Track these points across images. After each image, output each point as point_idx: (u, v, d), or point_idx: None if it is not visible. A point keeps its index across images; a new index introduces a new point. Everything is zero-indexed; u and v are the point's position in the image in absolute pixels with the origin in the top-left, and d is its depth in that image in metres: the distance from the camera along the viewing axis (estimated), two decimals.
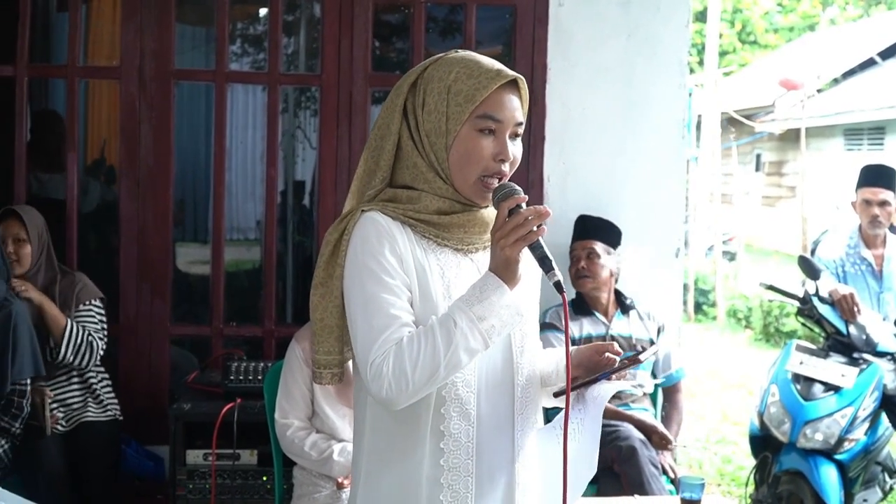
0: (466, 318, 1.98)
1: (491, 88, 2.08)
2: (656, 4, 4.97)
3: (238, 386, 4.31)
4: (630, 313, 4.61)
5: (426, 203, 2.11)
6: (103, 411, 4.46)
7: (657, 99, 4.99)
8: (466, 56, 2.15)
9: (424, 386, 1.99)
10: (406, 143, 2.14)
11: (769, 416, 4.92)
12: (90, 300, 4.44)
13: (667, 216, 5.03)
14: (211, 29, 6.24)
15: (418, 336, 1.99)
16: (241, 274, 7.68)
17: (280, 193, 6.82)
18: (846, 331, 4.95)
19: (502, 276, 2.01)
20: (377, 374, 1.97)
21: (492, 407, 2.14)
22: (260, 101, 7.60)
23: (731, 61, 29.10)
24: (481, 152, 2.09)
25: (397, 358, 1.97)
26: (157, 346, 4.93)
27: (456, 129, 2.09)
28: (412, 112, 2.14)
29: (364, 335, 2.02)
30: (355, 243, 2.07)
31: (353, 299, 2.06)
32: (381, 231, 2.06)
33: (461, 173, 2.10)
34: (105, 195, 6.52)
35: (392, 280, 2.04)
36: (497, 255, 2.02)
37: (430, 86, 2.13)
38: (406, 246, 2.08)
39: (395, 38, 7.07)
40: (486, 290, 2.01)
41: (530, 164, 4.86)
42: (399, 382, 1.96)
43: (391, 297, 2.03)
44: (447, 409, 2.09)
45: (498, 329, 2.01)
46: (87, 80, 6.35)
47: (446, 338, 1.97)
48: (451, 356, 1.97)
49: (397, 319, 2.02)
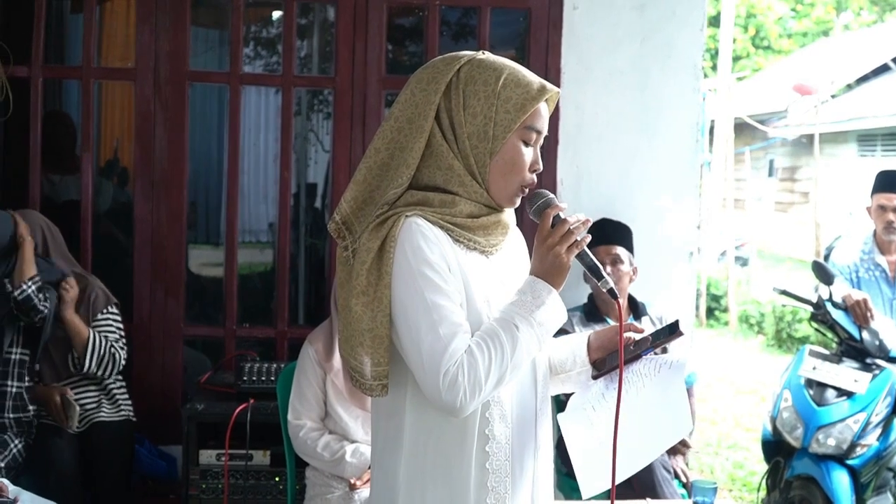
0: (527, 323, 2.04)
1: (540, 101, 2.12)
2: (671, 9, 4.97)
3: (251, 387, 4.32)
4: (643, 319, 4.59)
5: (461, 207, 2.11)
6: (117, 411, 4.49)
7: (671, 103, 4.99)
8: (507, 63, 2.16)
9: (492, 391, 2.04)
10: (439, 143, 2.11)
11: (782, 422, 4.92)
12: (107, 308, 4.46)
13: (680, 221, 5.03)
14: (225, 31, 6.28)
15: (486, 343, 2.02)
16: (253, 276, 7.70)
17: (292, 196, 6.85)
18: (859, 336, 4.94)
19: (552, 281, 2.09)
20: (452, 383, 1.98)
21: (521, 405, 2.18)
22: (273, 103, 7.64)
23: (745, 66, 29.09)
24: (524, 163, 2.14)
25: (471, 366, 1.99)
26: (171, 347, 4.96)
27: (504, 135, 2.10)
28: (447, 112, 2.12)
29: (432, 345, 2.01)
30: (404, 250, 2.05)
31: (412, 308, 2.03)
32: (428, 236, 2.06)
33: (503, 180, 2.13)
34: (118, 196, 6.55)
35: (448, 285, 2.05)
36: (548, 262, 2.08)
37: (472, 87, 2.11)
38: (450, 250, 2.09)
39: (408, 41, 7.09)
40: (540, 295, 2.07)
41: (544, 167, 4.83)
42: (474, 389, 1.99)
43: (451, 305, 2.04)
44: (491, 413, 2.12)
45: (549, 331, 2.09)
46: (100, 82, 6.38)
47: (511, 343, 2.03)
48: (517, 360, 2.04)
49: (461, 327, 2.04)
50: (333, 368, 3.63)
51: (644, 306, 4.60)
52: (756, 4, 29.64)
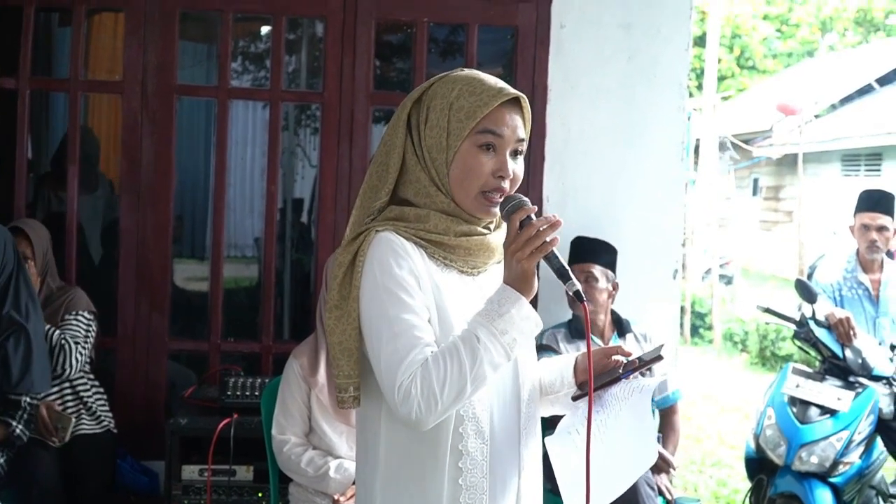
0: (488, 333, 1.99)
1: (492, 105, 2.09)
2: (657, 28, 5.00)
3: (235, 401, 4.31)
4: (627, 336, 4.59)
5: (435, 222, 2.11)
6: (97, 423, 4.46)
7: (657, 121, 5.01)
8: (470, 74, 2.16)
9: (452, 404, 1.99)
10: (410, 158, 2.14)
11: (765, 439, 4.92)
12: (78, 311, 4.43)
13: (665, 238, 5.05)
14: (213, 45, 6.28)
15: (443, 355, 1.99)
16: (239, 290, 7.68)
17: (279, 210, 6.85)
18: (842, 354, 4.96)
19: (519, 288, 2.03)
20: (406, 396, 1.97)
21: (502, 422, 2.15)
22: (260, 117, 7.65)
23: (730, 86, 29.24)
24: (480, 168, 2.09)
25: (425, 378, 1.97)
26: (155, 361, 4.93)
27: (456, 144, 2.09)
28: (416, 127, 2.15)
29: (389, 357, 2.00)
30: (372, 264, 2.06)
31: (375, 321, 2.04)
32: (397, 250, 2.06)
33: (461, 188, 2.11)
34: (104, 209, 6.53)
35: (413, 300, 2.04)
36: (513, 268, 2.03)
37: (433, 102, 2.13)
38: (421, 265, 2.08)
39: (396, 57, 7.11)
40: (505, 304, 2.02)
41: (530, 183, 4.88)
42: (429, 402, 1.96)
43: (413, 318, 2.03)
44: (465, 428, 2.10)
45: (519, 341, 2.03)
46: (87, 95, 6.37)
47: (471, 354, 1.98)
48: (477, 372, 1.98)
49: (421, 340, 2.01)
50: (318, 383, 3.62)
51: (628, 323, 4.60)
52: (741, 25, 29.83)
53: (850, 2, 30.79)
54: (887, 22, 31.23)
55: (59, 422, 4.25)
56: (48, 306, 4.37)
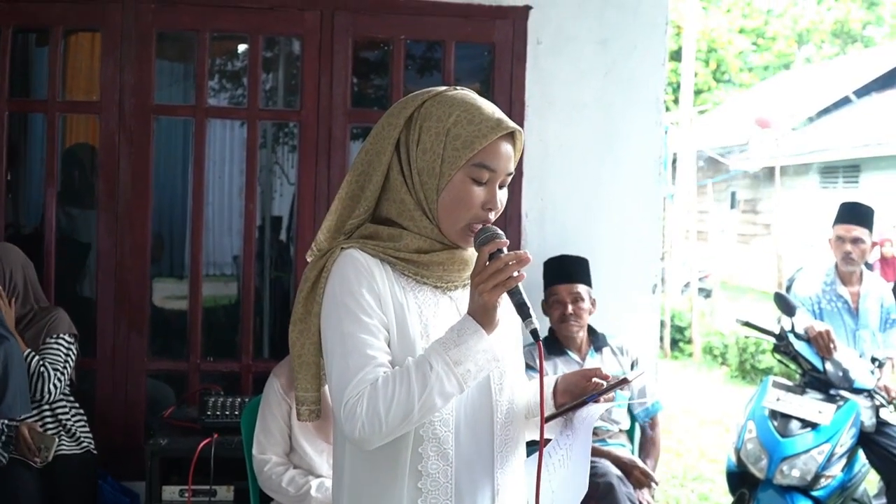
0: (442, 362, 1.98)
1: (490, 139, 2.08)
2: (632, 43, 5.04)
3: (215, 421, 4.30)
4: (603, 350, 4.61)
5: (407, 242, 2.11)
6: (77, 444, 4.43)
7: (634, 136, 5.05)
8: (468, 98, 2.14)
9: (398, 428, 1.98)
10: (395, 177, 2.13)
11: (746, 453, 4.93)
12: (59, 334, 4.40)
13: (643, 253, 5.07)
14: (190, 64, 6.27)
15: (393, 377, 1.98)
16: (218, 309, 7.65)
17: (257, 228, 6.83)
18: (822, 367, 4.98)
19: (480, 320, 2.01)
20: (351, 413, 1.97)
21: (470, 446, 2.13)
22: (238, 136, 7.62)
23: (707, 100, 29.39)
24: (472, 200, 2.09)
25: (371, 399, 1.97)
26: (134, 381, 4.91)
27: (450, 173, 2.08)
28: (405, 146, 2.13)
29: (339, 374, 2.01)
30: (333, 281, 2.08)
31: (330, 337, 2.06)
32: (359, 269, 2.07)
33: (450, 218, 2.10)
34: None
35: (369, 319, 2.04)
36: (476, 300, 2.02)
37: (427, 123, 2.11)
38: (385, 284, 2.08)
39: (374, 74, 7.11)
40: (464, 335, 2.00)
41: (509, 200, 4.86)
42: (372, 423, 1.96)
43: (368, 337, 2.03)
44: (425, 449, 2.08)
45: (474, 373, 2.01)
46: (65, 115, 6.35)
47: (421, 381, 1.97)
48: (426, 399, 1.97)
49: (373, 360, 2.01)
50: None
51: (604, 338, 4.61)
52: (717, 39, 30.01)
53: (826, 14, 31.03)
54: (865, 33, 31.49)
55: (41, 442, 4.22)
56: (31, 328, 4.35)
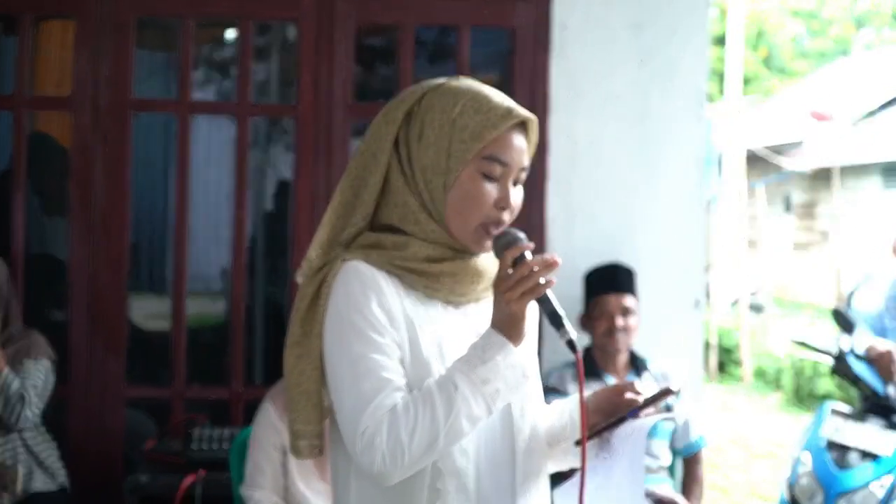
0: (468, 382, 1.97)
1: (501, 128, 2.08)
2: (672, 27, 5.02)
3: (201, 455, 4.30)
4: (643, 375, 4.59)
5: (415, 250, 2.09)
6: (52, 480, 4.43)
7: (673, 133, 5.03)
8: (473, 87, 2.14)
9: (422, 458, 1.96)
10: (396, 178, 2.12)
11: (800, 488, 4.91)
12: (37, 357, 4.42)
13: (684, 264, 5.05)
14: (172, 54, 6.30)
15: (415, 402, 1.97)
16: (204, 329, 7.68)
17: (248, 238, 6.85)
18: (884, 391, 4.96)
19: (507, 333, 2.00)
20: (369, 444, 1.95)
21: (491, 478, 2.12)
22: (226, 134, 7.64)
23: (755, 91, 29.29)
24: (484, 198, 2.08)
25: (392, 427, 1.94)
26: (111, 410, 4.90)
27: (458, 168, 2.07)
28: (405, 143, 2.12)
29: (352, 401, 1.99)
30: (337, 297, 2.05)
31: (338, 361, 2.03)
32: (366, 283, 2.04)
33: (460, 218, 2.09)
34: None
35: (381, 338, 2.02)
36: (501, 311, 2.01)
37: (429, 116, 2.10)
38: (395, 298, 2.07)
39: (379, 64, 7.13)
40: (489, 350, 1.99)
41: (532, 205, 4.86)
42: (395, 454, 1.94)
43: (381, 358, 2.01)
44: (444, 484, 2.06)
45: (503, 393, 2.00)
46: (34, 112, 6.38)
47: (446, 404, 1.95)
48: (452, 424, 1.96)
49: (390, 383, 1.99)
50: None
51: (645, 361, 4.60)
52: (766, 21, 29.92)
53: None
54: None
55: (6, 477, 4.23)
56: (6, 348, 4.36)
